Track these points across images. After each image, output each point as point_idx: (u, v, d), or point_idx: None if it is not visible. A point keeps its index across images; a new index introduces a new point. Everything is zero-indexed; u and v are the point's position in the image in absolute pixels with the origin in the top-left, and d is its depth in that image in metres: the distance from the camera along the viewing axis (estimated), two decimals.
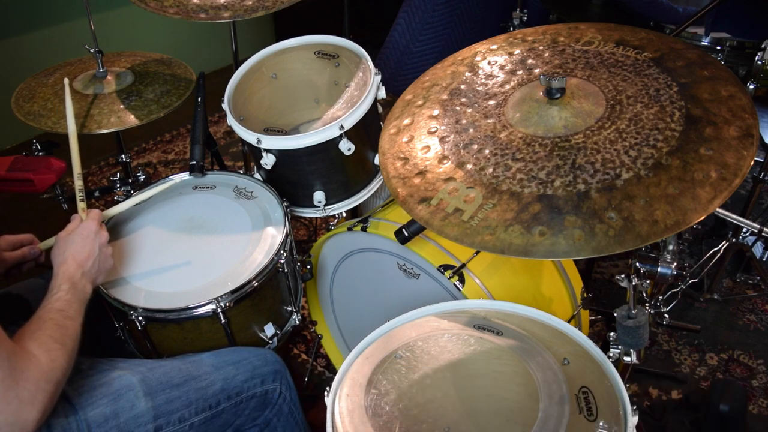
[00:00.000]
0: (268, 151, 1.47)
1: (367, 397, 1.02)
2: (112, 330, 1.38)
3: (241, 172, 1.60)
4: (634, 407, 0.92)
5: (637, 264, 1.12)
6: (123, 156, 1.91)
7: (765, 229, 1.28)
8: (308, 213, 1.61)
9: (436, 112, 1.17)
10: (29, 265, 1.33)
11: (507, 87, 1.16)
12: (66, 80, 1.63)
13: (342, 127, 1.44)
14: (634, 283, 1.03)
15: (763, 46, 1.67)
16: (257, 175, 1.59)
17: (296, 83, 1.67)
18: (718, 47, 1.90)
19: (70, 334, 1.05)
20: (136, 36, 3.33)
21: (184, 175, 1.58)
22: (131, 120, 1.69)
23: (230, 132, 3.11)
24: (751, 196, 1.92)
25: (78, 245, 1.17)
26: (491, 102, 1.15)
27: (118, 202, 1.53)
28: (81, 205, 1.30)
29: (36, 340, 0.99)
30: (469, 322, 1.11)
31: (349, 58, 1.61)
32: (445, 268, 1.33)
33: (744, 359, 1.96)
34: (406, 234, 1.32)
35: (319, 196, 1.56)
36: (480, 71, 1.23)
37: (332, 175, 1.55)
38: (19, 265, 1.31)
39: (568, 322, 1.08)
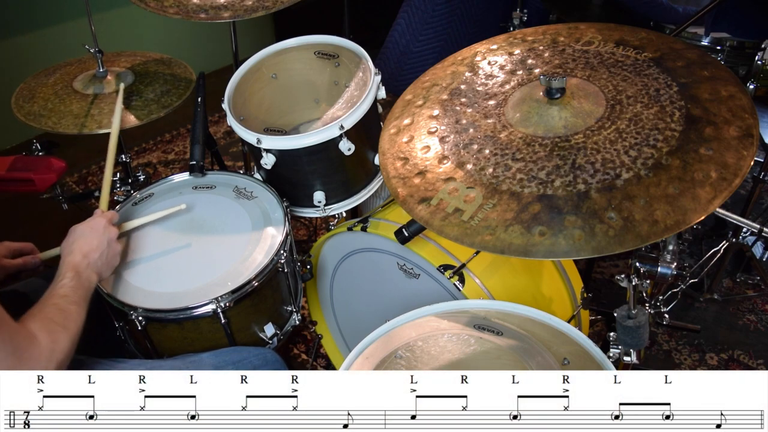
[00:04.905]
0: (268, 151, 1.47)
1: None
2: (112, 330, 1.38)
3: (241, 172, 1.60)
4: None
5: (637, 264, 1.12)
6: (123, 156, 1.91)
7: (765, 229, 1.28)
8: (308, 213, 1.61)
9: (436, 112, 1.17)
10: (28, 275, 1.34)
11: (507, 87, 1.16)
12: (121, 85, 1.72)
13: (342, 127, 1.44)
14: (634, 283, 1.03)
15: (763, 46, 1.67)
16: (257, 175, 1.59)
17: (296, 83, 1.67)
18: (718, 47, 1.90)
19: (73, 318, 1.07)
20: (136, 36, 3.33)
21: (184, 175, 1.58)
22: (131, 120, 1.69)
23: (230, 132, 3.11)
24: (751, 196, 1.92)
25: (87, 237, 1.22)
26: (491, 102, 1.15)
27: (118, 202, 1.53)
28: (104, 201, 1.41)
29: (38, 322, 1.01)
30: (469, 322, 1.11)
31: (349, 58, 1.61)
32: (445, 268, 1.33)
33: (744, 359, 1.95)
34: (406, 234, 1.32)
35: (319, 196, 1.56)
36: (480, 71, 1.23)
37: (332, 175, 1.55)
38: (17, 273, 1.32)
39: (568, 322, 1.08)
